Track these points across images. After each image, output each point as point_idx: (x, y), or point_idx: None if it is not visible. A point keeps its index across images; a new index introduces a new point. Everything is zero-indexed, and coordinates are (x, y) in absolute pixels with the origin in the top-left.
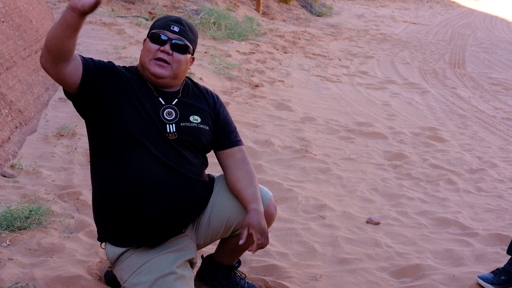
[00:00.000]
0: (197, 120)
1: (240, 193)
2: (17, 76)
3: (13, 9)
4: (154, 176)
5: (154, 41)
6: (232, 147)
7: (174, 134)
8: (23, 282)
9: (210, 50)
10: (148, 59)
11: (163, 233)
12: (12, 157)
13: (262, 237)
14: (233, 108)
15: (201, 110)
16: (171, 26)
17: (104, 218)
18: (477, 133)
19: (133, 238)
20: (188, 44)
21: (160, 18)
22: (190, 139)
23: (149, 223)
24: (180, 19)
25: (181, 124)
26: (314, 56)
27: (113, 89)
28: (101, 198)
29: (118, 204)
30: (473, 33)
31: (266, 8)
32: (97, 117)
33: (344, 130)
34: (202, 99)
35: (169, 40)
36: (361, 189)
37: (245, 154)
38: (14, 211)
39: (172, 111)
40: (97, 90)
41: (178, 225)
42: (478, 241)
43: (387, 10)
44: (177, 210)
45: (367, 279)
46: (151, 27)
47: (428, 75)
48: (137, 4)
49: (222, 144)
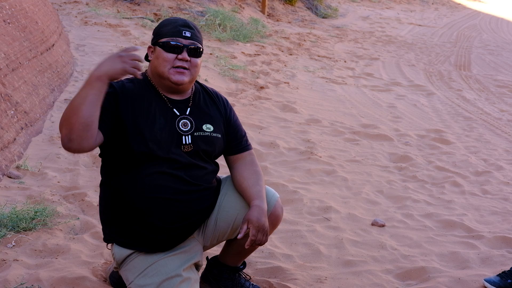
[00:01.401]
0: (210, 128)
1: (246, 191)
2: (23, 78)
3: (19, 10)
4: (167, 186)
5: (170, 50)
6: (242, 152)
7: (189, 146)
8: (28, 283)
9: (215, 52)
10: (166, 69)
11: (172, 239)
12: (17, 158)
13: (260, 233)
14: (238, 110)
15: (213, 118)
16: (183, 32)
17: (113, 223)
18: (482, 135)
19: (142, 243)
20: (201, 46)
21: (166, 23)
22: (204, 148)
23: (159, 231)
24: (187, 22)
25: (195, 134)
26: (319, 58)
27: (126, 111)
28: (111, 205)
29: (128, 212)
30: (479, 35)
31: (272, 10)
32: (113, 138)
33: (349, 132)
34: (213, 105)
35: (184, 47)
36: (366, 191)
37: (254, 157)
38: (20, 212)
39: (187, 122)
40: (114, 121)
41: (188, 230)
42: (483, 244)
43: (393, 12)
44: (187, 218)
45: (372, 281)
46: (158, 34)
47: (434, 77)
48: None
49: (232, 149)
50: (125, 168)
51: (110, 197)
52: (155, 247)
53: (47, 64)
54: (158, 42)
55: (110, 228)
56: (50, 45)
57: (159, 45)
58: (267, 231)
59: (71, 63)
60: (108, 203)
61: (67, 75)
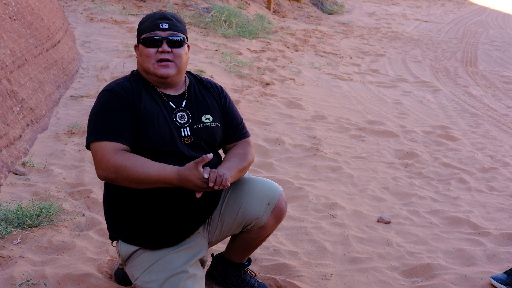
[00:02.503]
0: (209, 119)
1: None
2: (29, 74)
3: (24, 7)
4: None
5: (150, 45)
6: (239, 140)
7: (189, 137)
8: (34, 279)
9: (221, 48)
10: (150, 64)
11: (177, 234)
12: (23, 155)
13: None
14: (244, 106)
15: (211, 108)
16: (160, 24)
17: (118, 220)
18: (489, 131)
19: (147, 239)
20: (182, 36)
21: (144, 20)
22: (205, 140)
23: (164, 225)
24: (164, 13)
25: (195, 126)
26: (325, 54)
27: (133, 112)
28: (116, 202)
29: (133, 207)
30: (485, 31)
31: (277, 6)
32: None
33: (355, 128)
34: (209, 95)
35: (163, 39)
36: (372, 187)
37: (247, 144)
38: (25, 208)
39: (184, 114)
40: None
41: (193, 225)
42: (490, 241)
43: (399, 8)
44: (192, 211)
45: (378, 278)
46: (139, 31)
47: (440, 73)
48: (148, 2)
49: (230, 137)
50: None
51: (115, 194)
52: (161, 243)
53: (53, 60)
54: (139, 40)
55: (115, 225)
56: (56, 42)
57: (140, 42)
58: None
59: (76, 59)
60: (112, 200)
61: (72, 71)
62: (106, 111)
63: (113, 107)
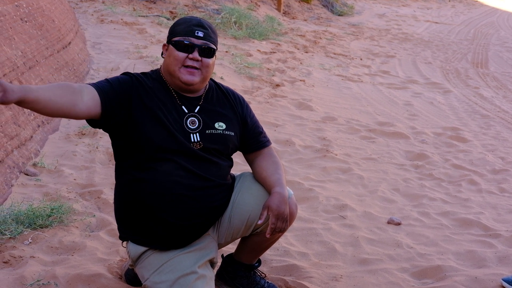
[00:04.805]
0: (222, 126)
1: (265, 180)
2: (40, 75)
3: (36, 8)
4: (179, 183)
5: (181, 49)
6: (261, 149)
7: (199, 143)
8: (44, 279)
9: (231, 50)
10: (177, 67)
11: (186, 237)
12: (34, 155)
13: (279, 221)
14: (254, 108)
15: (226, 116)
16: (195, 32)
17: (127, 221)
18: (500, 133)
19: (156, 241)
20: (214, 47)
21: (180, 22)
22: (216, 146)
23: (173, 227)
24: (201, 21)
25: (207, 131)
26: (335, 55)
27: (138, 104)
28: (125, 203)
29: (142, 208)
30: (497, 32)
31: (287, 8)
32: (122, 132)
33: (365, 130)
34: (226, 103)
35: (196, 47)
36: (382, 189)
37: (273, 151)
38: (36, 209)
39: (195, 120)
40: (123, 110)
41: (202, 228)
42: (501, 243)
43: (409, 9)
44: (202, 214)
45: (388, 280)
46: (172, 32)
47: (450, 74)
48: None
49: (251, 147)
50: (137, 165)
51: (124, 195)
52: (170, 244)
53: (64, 62)
54: (171, 41)
55: (125, 226)
56: (67, 43)
57: (172, 43)
58: (287, 218)
59: (87, 61)
60: (122, 201)
61: (83, 73)
62: (112, 78)
63: (119, 82)
